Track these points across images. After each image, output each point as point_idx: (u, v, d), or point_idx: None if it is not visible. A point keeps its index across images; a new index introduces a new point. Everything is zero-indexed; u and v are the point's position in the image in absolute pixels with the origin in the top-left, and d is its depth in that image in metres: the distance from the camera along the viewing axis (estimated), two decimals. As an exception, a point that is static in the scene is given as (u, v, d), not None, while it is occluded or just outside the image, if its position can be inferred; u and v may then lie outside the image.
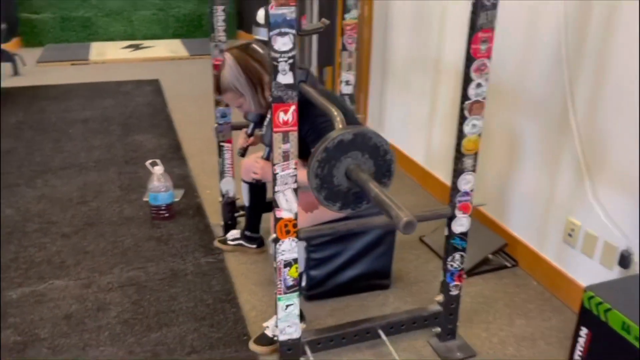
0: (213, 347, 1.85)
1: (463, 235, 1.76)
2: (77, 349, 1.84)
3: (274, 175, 1.47)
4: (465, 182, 1.69)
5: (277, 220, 1.53)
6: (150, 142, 3.68)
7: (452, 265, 1.80)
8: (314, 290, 2.11)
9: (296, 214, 1.54)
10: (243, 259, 2.37)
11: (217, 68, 2.01)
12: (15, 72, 5.39)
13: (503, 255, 2.39)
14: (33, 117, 4.14)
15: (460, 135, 1.63)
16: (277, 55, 1.34)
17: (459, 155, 1.66)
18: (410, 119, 3.18)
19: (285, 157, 1.46)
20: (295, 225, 1.55)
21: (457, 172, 1.68)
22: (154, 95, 4.77)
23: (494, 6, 1.48)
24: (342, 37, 2.43)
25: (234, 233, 2.45)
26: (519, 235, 2.36)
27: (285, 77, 1.38)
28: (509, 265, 2.34)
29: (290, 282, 1.62)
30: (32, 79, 5.28)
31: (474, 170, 1.69)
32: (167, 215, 2.66)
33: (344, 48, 2.45)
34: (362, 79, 3.69)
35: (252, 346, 1.86)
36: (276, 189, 1.49)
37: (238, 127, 2.38)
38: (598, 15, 1.84)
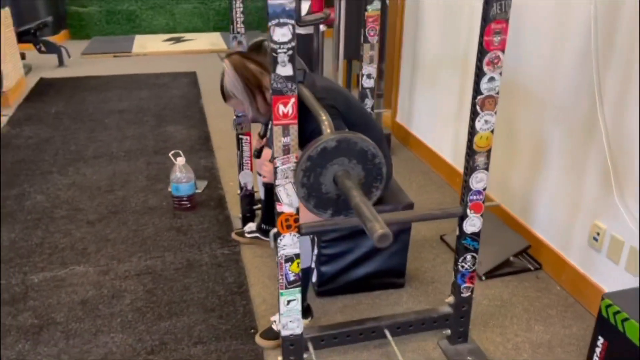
0: (219, 339, 1.86)
1: (475, 236, 1.70)
2: (89, 334, 1.88)
3: (275, 169, 1.45)
4: (478, 181, 1.62)
5: (278, 214, 1.51)
6: (180, 133, 3.73)
7: (463, 267, 1.73)
8: (325, 286, 2.08)
9: (297, 209, 1.51)
10: (258, 252, 2.36)
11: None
12: (60, 63, 5.57)
13: (527, 258, 2.30)
14: (72, 107, 4.28)
15: (472, 131, 1.57)
16: (276, 46, 1.32)
17: (470, 153, 1.59)
18: (438, 114, 3.10)
19: (286, 150, 1.43)
20: (296, 220, 1.53)
21: (469, 170, 1.61)
22: (190, 88, 4.83)
23: (508, -4, 1.41)
24: (364, 30, 2.39)
25: (251, 226, 2.45)
26: (544, 237, 2.26)
27: (285, 69, 1.35)
28: (531, 268, 2.25)
29: (292, 277, 1.60)
30: (75, 70, 5.45)
31: (486, 169, 1.62)
32: (189, 205, 2.69)
33: (365, 40, 2.40)
34: (392, 73, 3.63)
35: (258, 340, 1.85)
36: (277, 182, 1.47)
37: (257, 121, 2.37)
38: (628, 15, 1.73)
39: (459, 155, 2.93)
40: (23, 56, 5.20)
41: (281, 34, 1.31)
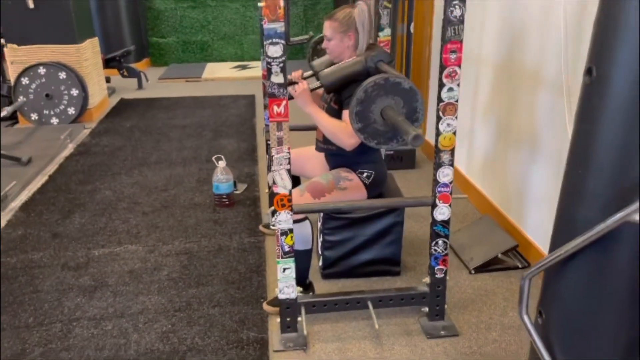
0: (234, 304, 2.24)
1: (445, 223, 1.99)
2: (132, 295, 2.32)
3: (270, 157, 1.83)
4: (444, 175, 1.93)
5: (274, 195, 1.89)
6: (232, 145, 4.22)
7: (435, 250, 2.02)
8: (329, 269, 2.41)
9: (290, 191, 1.88)
10: (279, 242, 2.73)
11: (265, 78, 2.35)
12: (139, 87, 6.31)
13: (518, 257, 2.52)
14: (144, 122, 4.90)
15: (437, 132, 1.88)
16: (270, 60, 1.72)
17: (437, 151, 1.91)
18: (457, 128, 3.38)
19: (280, 142, 1.81)
20: (289, 200, 1.89)
21: (436, 165, 1.92)
22: (247, 108, 5.36)
23: (460, 21, 1.73)
24: (377, 53, 2.75)
25: (276, 220, 2.83)
26: (532, 237, 2.48)
27: (277, 78, 1.74)
28: (520, 266, 2.47)
29: (286, 248, 1.96)
30: (151, 92, 6.15)
31: (451, 165, 1.92)
32: (227, 203, 3.12)
33: (377, 62, 2.76)
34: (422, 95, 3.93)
35: (265, 306, 2.21)
36: (272, 168, 1.85)
37: (330, 62, 2.53)
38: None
39: (471, 167, 3.19)
40: (108, 80, 5.96)
41: (274, 50, 1.71)
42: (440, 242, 2.01)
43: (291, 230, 1.93)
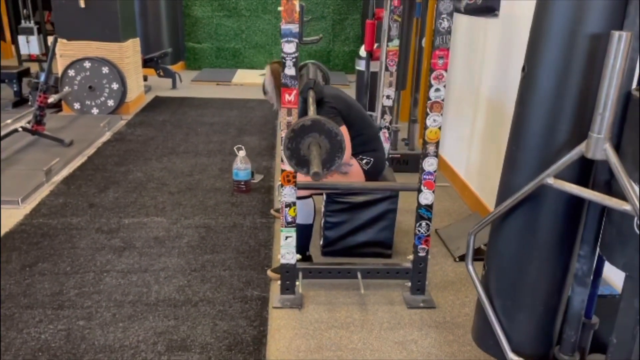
0: (242, 269, 2.56)
1: (428, 207, 2.28)
2: (155, 256, 2.66)
3: (281, 139, 2.16)
4: (429, 164, 2.23)
5: (281, 172, 2.22)
6: (254, 142, 4.57)
7: (419, 231, 2.31)
8: (329, 247, 2.72)
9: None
10: (287, 223, 3.05)
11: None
12: (173, 87, 6.74)
13: (500, 251, 2.79)
14: (175, 118, 5.30)
15: (425, 127, 2.19)
16: (285, 55, 2.05)
17: (424, 143, 2.21)
18: (458, 138, 3.67)
19: (289, 125, 2.14)
20: (294, 177, 2.22)
21: (423, 156, 2.22)
22: (270, 111, 5.72)
23: (448, 32, 2.04)
24: (386, 60, 3.07)
25: (286, 205, 3.15)
26: (513, 233, 2.75)
27: (290, 70, 2.08)
28: (500, 257, 2.74)
29: (289, 219, 2.28)
30: (184, 92, 6.58)
31: (436, 156, 2.22)
32: (244, 189, 3.46)
33: (386, 69, 3.08)
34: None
35: (269, 272, 2.53)
36: (281, 148, 2.18)
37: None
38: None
39: (469, 172, 3.48)
40: (145, 78, 6.39)
41: (289, 47, 2.05)
42: (423, 224, 2.30)
43: (294, 203, 2.25)
